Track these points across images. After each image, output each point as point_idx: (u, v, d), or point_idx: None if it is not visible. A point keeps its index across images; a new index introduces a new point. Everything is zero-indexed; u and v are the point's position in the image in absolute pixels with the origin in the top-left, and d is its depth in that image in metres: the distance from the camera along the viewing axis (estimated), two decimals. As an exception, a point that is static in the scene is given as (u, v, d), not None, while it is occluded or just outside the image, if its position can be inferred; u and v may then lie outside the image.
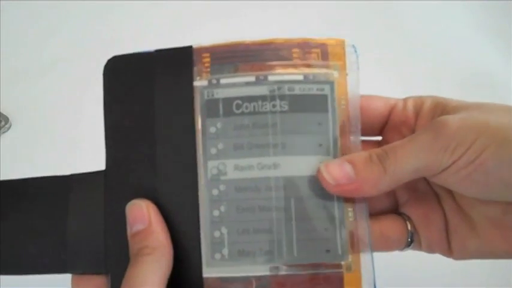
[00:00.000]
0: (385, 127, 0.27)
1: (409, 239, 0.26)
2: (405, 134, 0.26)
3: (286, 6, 0.52)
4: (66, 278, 0.25)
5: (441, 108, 0.25)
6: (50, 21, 0.51)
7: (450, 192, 0.26)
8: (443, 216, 0.26)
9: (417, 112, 0.26)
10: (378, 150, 0.24)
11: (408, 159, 0.23)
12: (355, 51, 0.25)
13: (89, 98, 0.44)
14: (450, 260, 0.27)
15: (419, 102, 0.26)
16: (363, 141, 0.27)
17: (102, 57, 0.26)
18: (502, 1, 0.52)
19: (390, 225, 0.26)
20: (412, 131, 0.26)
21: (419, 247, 0.27)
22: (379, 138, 0.28)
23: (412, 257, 0.28)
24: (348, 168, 0.23)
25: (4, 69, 0.48)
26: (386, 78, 0.46)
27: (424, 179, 0.26)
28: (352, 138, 0.25)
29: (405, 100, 0.27)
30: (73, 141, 0.44)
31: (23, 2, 0.51)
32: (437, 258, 0.27)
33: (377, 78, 0.32)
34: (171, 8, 0.52)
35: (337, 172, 0.23)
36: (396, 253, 0.27)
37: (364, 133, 0.26)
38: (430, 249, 0.27)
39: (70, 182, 0.25)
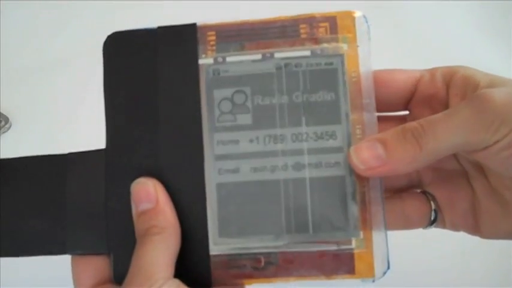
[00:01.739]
0: (412, 101, 0.26)
1: (432, 218, 0.26)
2: (436, 108, 0.25)
3: (286, 6, 0.52)
4: (67, 277, 0.25)
5: (476, 80, 0.23)
6: (50, 21, 0.51)
7: (482, 170, 0.25)
8: (472, 195, 0.25)
9: (447, 84, 0.24)
10: (413, 124, 0.22)
11: (448, 136, 0.21)
12: (366, 22, 0.25)
13: (89, 98, 0.44)
14: (450, 260, 0.27)
15: (448, 72, 0.25)
16: (387, 117, 0.26)
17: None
18: (501, 1, 0.52)
19: (412, 204, 0.26)
20: (444, 104, 0.24)
21: (443, 225, 0.26)
22: (406, 112, 0.27)
23: (412, 257, 0.28)
24: (379, 149, 0.22)
25: (4, 69, 0.48)
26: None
27: (454, 154, 0.25)
28: (366, 113, 0.24)
29: (432, 71, 0.25)
30: (73, 141, 0.44)
31: (23, 2, 0.51)
32: (438, 259, 0.27)
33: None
34: (172, 8, 0.52)
35: (367, 154, 0.22)
36: (396, 254, 0.27)
37: (389, 108, 0.26)
38: (455, 228, 0.26)
39: (68, 161, 0.25)
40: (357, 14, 0.25)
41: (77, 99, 0.46)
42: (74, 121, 0.45)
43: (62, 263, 0.25)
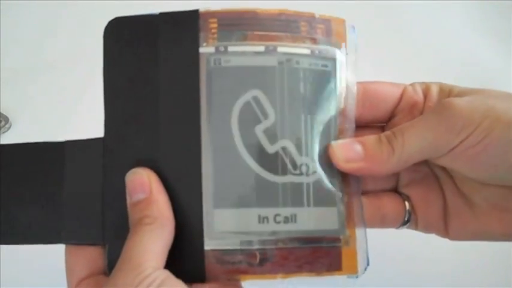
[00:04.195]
0: (395, 110, 0.27)
1: (406, 219, 0.27)
2: (416, 116, 0.26)
3: (284, 6, 0.52)
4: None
5: (447, 92, 0.26)
6: (50, 21, 0.51)
7: (450, 175, 0.27)
8: (443, 198, 0.27)
9: (425, 95, 0.27)
10: (387, 132, 0.24)
11: (416, 139, 0.23)
12: (354, 32, 0.25)
13: (89, 98, 0.44)
14: (450, 260, 0.27)
15: (426, 86, 0.27)
16: (370, 127, 0.27)
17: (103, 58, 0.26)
18: (501, 1, 0.52)
19: (388, 203, 0.27)
20: (422, 113, 0.26)
21: (415, 227, 0.27)
22: (382, 124, 0.28)
23: (413, 257, 0.28)
24: (357, 147, 0.24)
25: (4, 69, 0.48)
26: (385, 78, 0.46)
27: (426, 161, 0.26)
28: (347, 120, 0.25)
29: (413, 85, 0.27)
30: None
31: (23, 2, 0.51)
32: (438, 259, 0.27)
33: (376, 78, 0.32)
34: (173, 8, 0.52)
35: (347, 149, 0.24)
36: (396, 254, 0.27)
37: (375, 118, 0.27)
38: (426, 230, 0.27)
39: (66, 149, 0.24)
40: (347, 23, 0.25)
41: (77, 99, 0.46)
42: (73, 121, 0.45)
43: (62, 263, 0.25)
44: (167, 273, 0.21)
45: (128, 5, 0.52)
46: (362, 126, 0.27)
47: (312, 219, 0.24)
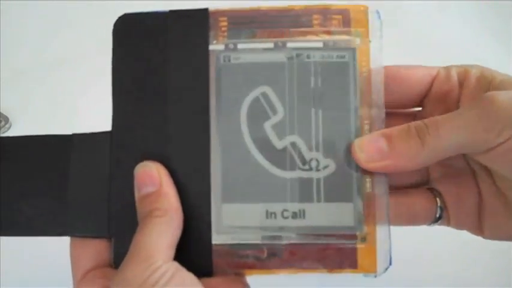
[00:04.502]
0: (427, 98, 0.26)
1: (438, 216, 0.26)
2: (449, 106, 0.25)
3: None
4: (67, 277, 0.25)
5: (488, 81, 0.24)
6: (50, 21, 0.51)
7: (489, 172, 0.25)
8: (478, 195, 0.25)
9: (461, 82, 0.25)
10: (418, 122, 0.22)
11: (450, 136, 0.22)
12: (379, 18, 0.24)
13: (89, 98, 0.44)
14: (450, 260, 0.27)
15: (463, 71, 0.25)
16: (397, 114, 0.26)
17: (103, 58, 0.26)
18: (501, 1, 0.52)
19: (418, 200, 0.26)
20: (457, 102, 0.25)
21: (448, 223, 0.26)
22: (418, 109, 0.27)
23: (412, 257, 0.28)
24: (382, 144, 0.22)
25: (4, 69, 0.48)
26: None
27: (462, 154, 0.25)
28: (374, 109, 0.24)
29: (448, 68, 0.25)
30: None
31: (23, 2, 0.51)
32: (438, 259, 0.27)
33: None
34: (176, 6, 0.52)
35: (370, 148, 0.23)
36: (396, 253, 0.27)
37: (404, 104, 0.26)
38: (459, 227, 0.26)
39: (72, 141, 0.24)
40: (371, 9, 0.24)
41: (77, 99, 0.46)
42: (73, 121, 0.45)
43: (62, 263, 0.25)
44: (177, 266, 0.21)
45: (128, 6, 0.52)
46: (391, 113, 0.25)
47: (323, 215, 0.23)
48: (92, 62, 0.27)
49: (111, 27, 0.25)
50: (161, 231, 0.22)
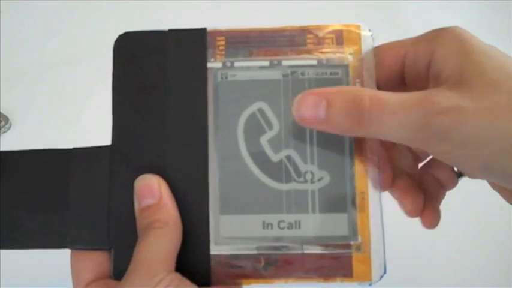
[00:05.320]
0: (406, 78, 0.25)
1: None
2: (424, 86, 0.23)
3: (285, 6, 0.52)
4: (67, 277, 0.25)
5: (441, 69, 0.22)
6: (50, 21, 0.51)
7: None
8: None
9: (428, 64, 0.23)
10: (365, 99, 0.21)
11: (391, 129, 0.21)
12: (371, 35, 0.25)
13: (89, 98, 0.44)
14: (450, 260, 0.27)
15: (429, 52, 0.23)
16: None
17: (103, 58, 0.26)
18: (502, 1, 0.52)
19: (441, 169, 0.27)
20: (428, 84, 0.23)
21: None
22: None
23: (413, 257, 0.28)
24: (320, 110, 0.22)
25: (4, 69, 0.48)
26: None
27: None
28: None
29: (416, 47, 0.24)
30: (73, 141, 0.44)
31: (23, 2, 0.51)
32: (438, 259, 0.27)
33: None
34: (175, 8, 0.52)
35: (308, 110, 0.22)
36: (396, 254, 0.27)
37: (391, 86, 0.25)
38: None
39: (71, 156, 0.25)
40: (363, 30, 0.25)
41: (77, 99, 0.46)
42: (73, 121, 0.45)
43: (62, 263, 0.25)
44: (180, 277, 0.22)
45: (129, 5, 0.52)
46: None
47: (318, 226, 0.24)
48: (92, 62, 0.27)
49: (111, 27, 0.25)
50: (162, 242, 0.22)
